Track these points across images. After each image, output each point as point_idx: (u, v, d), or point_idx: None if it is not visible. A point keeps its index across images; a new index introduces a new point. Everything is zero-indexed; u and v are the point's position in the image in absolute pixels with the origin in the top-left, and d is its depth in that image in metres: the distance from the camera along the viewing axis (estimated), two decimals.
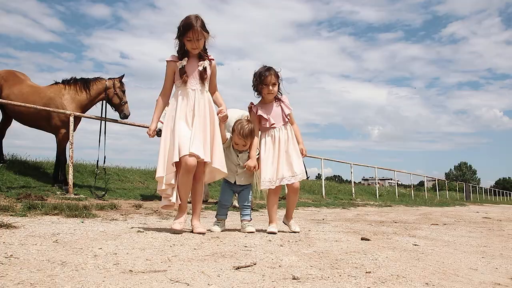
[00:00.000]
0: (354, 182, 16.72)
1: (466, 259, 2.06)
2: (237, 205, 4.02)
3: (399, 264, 1.83)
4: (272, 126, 3.15)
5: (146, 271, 1.49)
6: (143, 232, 2.71)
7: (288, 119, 3.22)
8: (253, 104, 3.25)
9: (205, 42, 2.96)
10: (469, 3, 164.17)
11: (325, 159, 13.29)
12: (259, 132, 3.25)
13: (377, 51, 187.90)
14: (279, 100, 3.24)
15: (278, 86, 3.21)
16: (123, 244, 2.14)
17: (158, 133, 6.62)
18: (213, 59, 3.06)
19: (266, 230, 3.13)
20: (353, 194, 14.29)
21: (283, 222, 3.39)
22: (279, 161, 3.12)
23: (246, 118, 3.38)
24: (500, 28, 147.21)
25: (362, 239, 2.81)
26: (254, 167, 3.10)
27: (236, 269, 1.60)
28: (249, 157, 3.15)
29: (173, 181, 2.85)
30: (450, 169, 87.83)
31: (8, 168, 7.47)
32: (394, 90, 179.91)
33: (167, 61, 3.03)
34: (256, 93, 3.25)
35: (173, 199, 2.93)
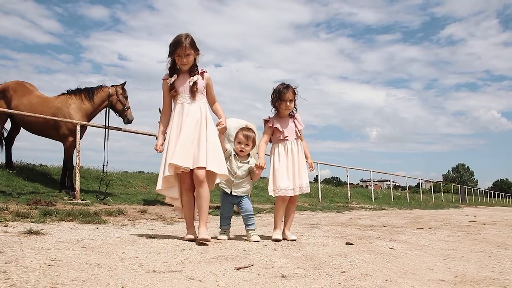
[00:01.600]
0: (352, 184, 17.12)
1: (429, 261, 2.46)
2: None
3: (370, 265, 2.22)
4: (286, 138, 3.43)
5: (166, 271, 1.88)
6: (155, 238, 3.09)
7: (300, 134, 3.52)
8: (270, 117, 3.53)
9: (195, 59, 3.15)
10: (467, 5, 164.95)
11: (321, 163, 13.71)
12: (271, 143, 3.52)
13: (376, 52, 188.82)
14: (293, 116, 3.53)
15: (294, 102, 3.49)
16: (141, 249, 2.53)
17: None
18: (205, 71, 3.21)
19: (270, 237, 3.38)
20: (349, 198, 14.67)
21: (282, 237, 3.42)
22: (293, 171, 3.37)
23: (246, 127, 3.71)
24: (498, 30, 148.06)
25: (346, 243, 3.20)
26: (265, 165, 3.32)
27: (237, 269, 1.99)
28: (250, 171, 3.40)
29: (175, 195, 3.12)
30: (448, 171, 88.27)
31: (17, 174, 7.85)
32: (393, 92, 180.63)
33: (162, 79, 3.22)
34: (273, 108, 3.53)
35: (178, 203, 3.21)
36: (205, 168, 2.97)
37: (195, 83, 3.11)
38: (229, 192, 3.35)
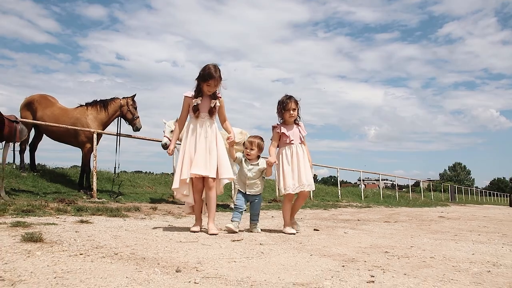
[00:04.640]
0: (349, 183, 18.16)
1: (364, 239, 3.57)
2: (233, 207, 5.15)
3: (321, 241, 3.33)
4: (291, 142, 3.91)
5: (188, 241, 3.01)
6: (172, 226, 4.19)
7: (303, 140, 4.03)
8: (278, 124, 4.03)
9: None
10: (465, 3, 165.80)
11: (313, 164, 14.75)
12: (278, 147, 3.98)
13: (374, 51, 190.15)
14: (298, 124, 4.03)
15: (298, 111, 3.99)
16: (166, 231, 3.64)
17: (164, 146, 8.38)
18: (220, 96, 3.78)
19: (269, 229, 4.27)
20: (339, 196, 15.71)
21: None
22: (299, 171, 3.84)
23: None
24: (496, 29, 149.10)
25: (314, 230, 4.30)
26: (275, 162, 3.83)
27: (233, 241, 3.13)
28: (263, 171, 3.89)
29: (185, 192, 3.73)
30: (445, 170, 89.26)
31: (41, 176, 8.92)
32: (391, 91, 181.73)
33: (185, 96, 3.76)
34: (279, 118, 4.03)
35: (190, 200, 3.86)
36: (214, 177, 3.66)
37: (215, 106, 3.70)
38: (244, 192, 3.91)
